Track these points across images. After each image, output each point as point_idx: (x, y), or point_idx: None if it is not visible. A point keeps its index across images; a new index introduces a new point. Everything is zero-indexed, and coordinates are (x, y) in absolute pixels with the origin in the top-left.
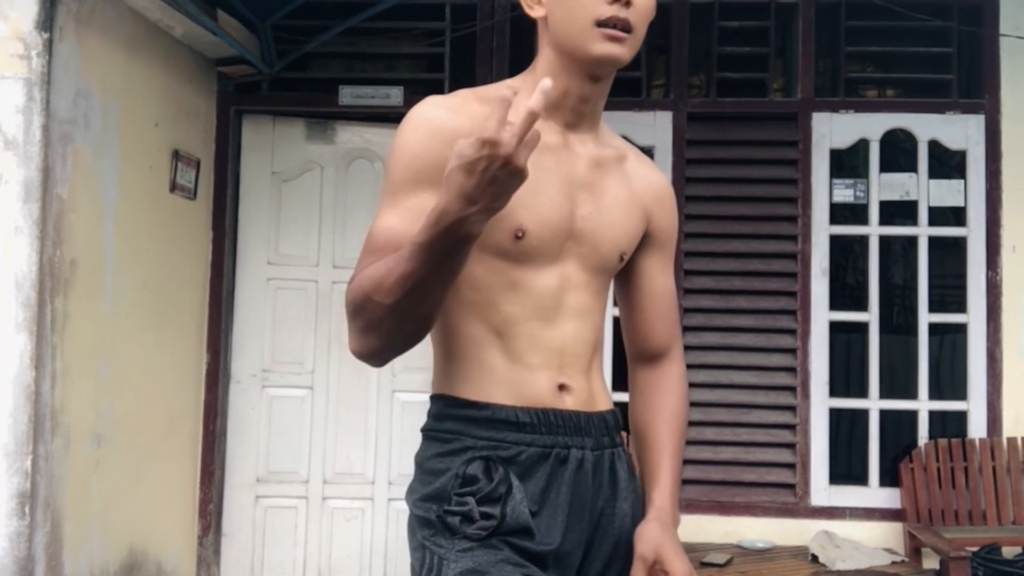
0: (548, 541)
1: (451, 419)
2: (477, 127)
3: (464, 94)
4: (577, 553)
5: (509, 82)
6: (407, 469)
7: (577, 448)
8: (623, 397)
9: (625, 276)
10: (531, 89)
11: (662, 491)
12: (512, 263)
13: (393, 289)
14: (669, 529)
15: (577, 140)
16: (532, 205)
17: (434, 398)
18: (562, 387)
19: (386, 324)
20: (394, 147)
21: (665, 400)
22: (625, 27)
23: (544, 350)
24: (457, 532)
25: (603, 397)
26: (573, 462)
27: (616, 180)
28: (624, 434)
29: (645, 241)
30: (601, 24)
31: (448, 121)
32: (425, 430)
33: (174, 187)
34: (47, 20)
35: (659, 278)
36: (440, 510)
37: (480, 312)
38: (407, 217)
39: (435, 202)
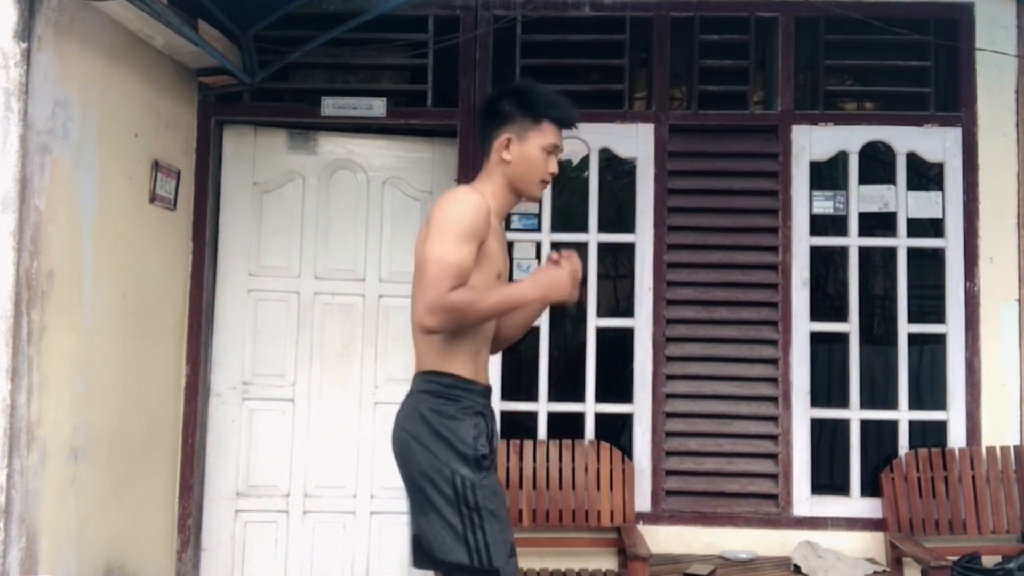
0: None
1: (459, 388)
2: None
3: (477, 191)
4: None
5: (476, 186)
6: (389, 482)
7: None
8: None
9: None
10: (490, 195)
11: None
12: None
13: (492, 308)
14: None
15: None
16: (501, 259)
17: (441, 374)
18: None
19: (469, 319)
20: (456, 211)
21: None
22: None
23: (485, 349)
24: (481, 466)
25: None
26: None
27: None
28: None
29: None
30: (543, 180)
31: (485, 203)
32: (435, 394)
33: (154, 198)
34: (25, 30)
35: None
36: (471, 451)
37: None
38: (469, 257)
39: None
